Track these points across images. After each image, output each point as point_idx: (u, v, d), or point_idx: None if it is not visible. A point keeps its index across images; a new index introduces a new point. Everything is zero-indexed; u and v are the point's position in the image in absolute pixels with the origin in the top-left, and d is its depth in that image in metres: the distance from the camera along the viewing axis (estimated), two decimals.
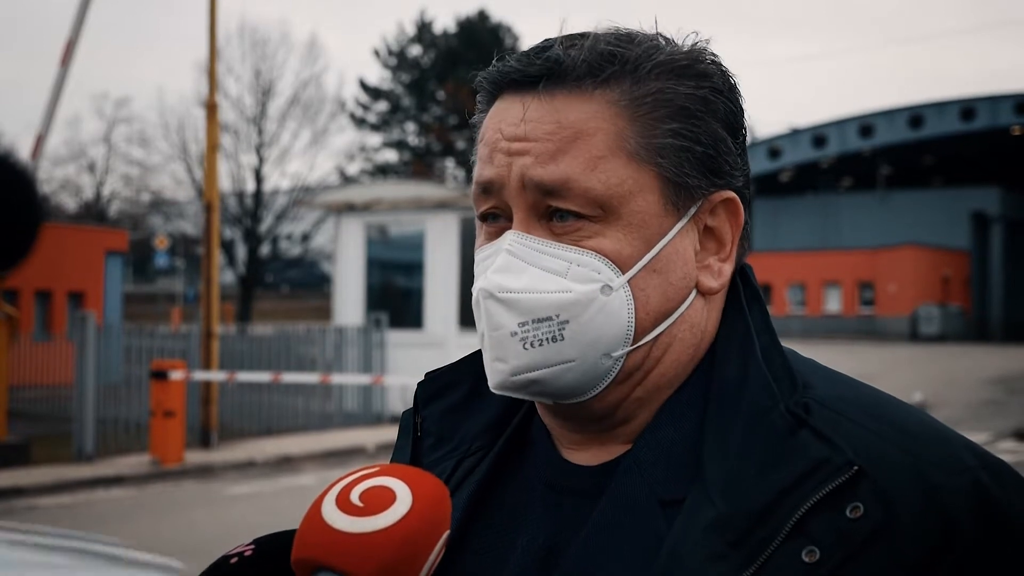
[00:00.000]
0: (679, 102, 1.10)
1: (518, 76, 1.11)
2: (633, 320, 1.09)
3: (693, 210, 1.12)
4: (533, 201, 1.10)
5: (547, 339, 1.08)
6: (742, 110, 1.15)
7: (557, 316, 1.08)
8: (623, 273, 1.09)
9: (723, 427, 1.07)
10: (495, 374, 1.11)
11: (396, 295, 19.95)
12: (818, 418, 1.05)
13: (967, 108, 55.41)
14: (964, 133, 55.92)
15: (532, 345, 1.08)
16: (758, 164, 59.31)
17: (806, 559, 0.99)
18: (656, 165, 1.09)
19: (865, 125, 57.62)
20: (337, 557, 0.97)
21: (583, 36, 1.12)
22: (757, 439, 1.05)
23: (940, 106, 56.44)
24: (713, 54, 1.14)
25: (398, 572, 0.98)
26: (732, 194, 1.13)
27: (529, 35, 69.40)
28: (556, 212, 1.09)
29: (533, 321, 1.08)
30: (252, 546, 1.13)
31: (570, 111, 1.09)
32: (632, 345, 1.10)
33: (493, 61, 1.15)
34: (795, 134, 59.94)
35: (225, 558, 1.12)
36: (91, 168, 49.65)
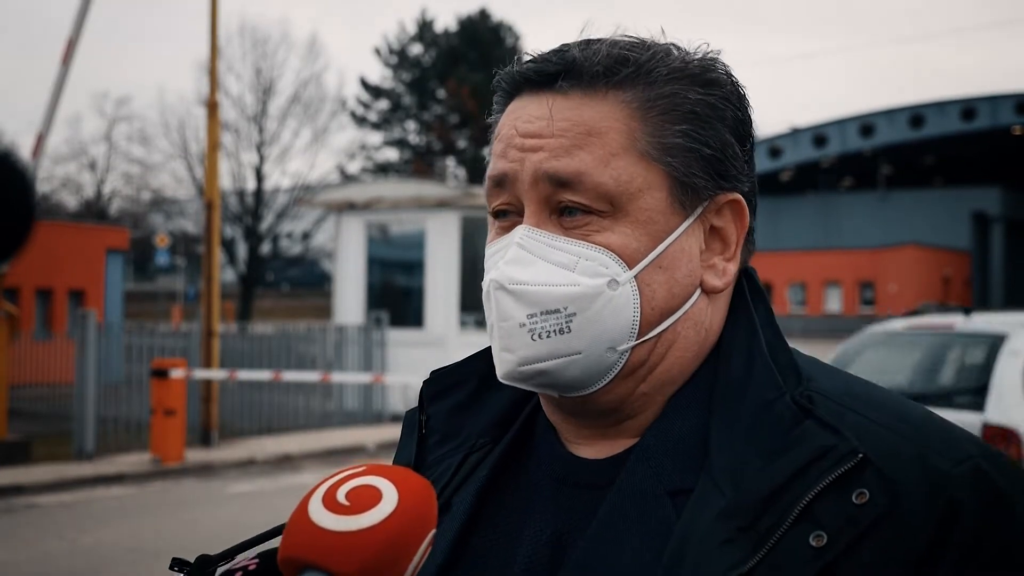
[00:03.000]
0: (689, 106, 1.14)
1: (535, 76, 1.15)
2: (639, 315, 1.12)
3: (699, 210, 1.15)
4: (545, 195, 1.13)
5: (555, 331, 1.11)
6: (751, 119, 1.20)
7: (565, 308, 1.11)
8: (630, 268, 1.12)
9: (730, 418, 1.10)
10: (503, 364, 1.14)
11: (396, 294, 19.95)
12: (823, 409, 1.08)
13: (968, 108, 55.44)
14: (965, 133, 55.96)
15: (540, 336, 1.11)
16: (759, 163, 58.04)
17: (814, 543, 1.01)
18: (665, 164, 1.13)
19: (866, 125, 57.65)
20: (323, 555, 0.97)
21: (599, 40, 1.16)
22: (763, 429, 1.08)
23: (941, 106, 56.47)
24: (724, 64, 1.19)
25: (384, 570, 0.98)
26: (738, 196, 1.17)
27: (529, 35, 69.38)
28: (566, 208, 1.12)
29: (541, 313, 1.11)
30: (256, 560, 1.14)
31: (585, 110, 1.13)
32: (637, 340, 1.13)
33: (512, 62, 1.19)
34: (796, 133, 59.97)
35: (229, 573, 1.13)
36: (92, 166, 49.70)
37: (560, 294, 1.11)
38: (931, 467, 1.03)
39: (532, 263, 1.12)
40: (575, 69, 1.13)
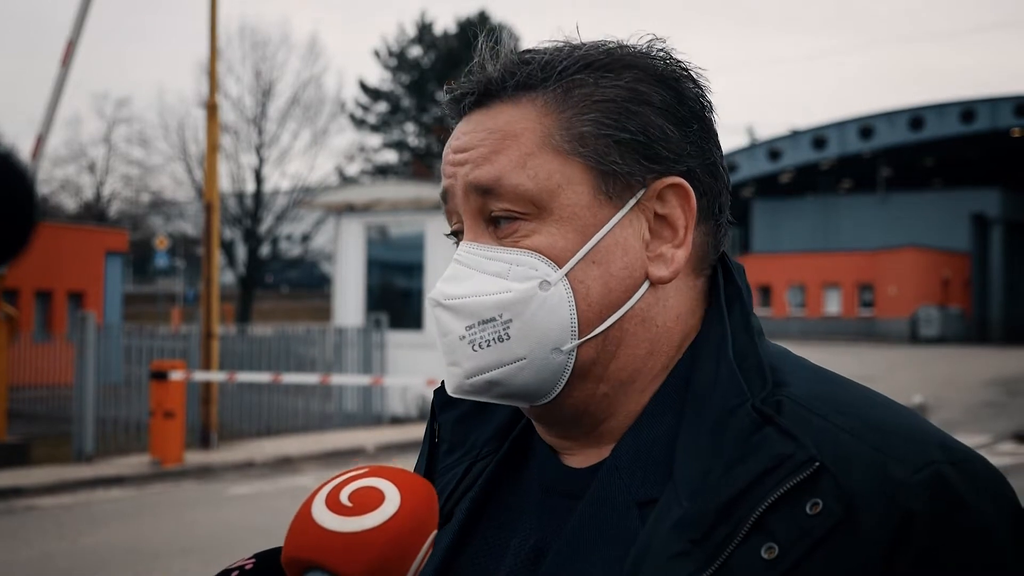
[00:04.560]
0: (600, 95, 1.13)
1: (459, 97, 1.19)
2: (575, 312, 1.11)
3: (633, 200, 1.13)
4: (477, 207, 1.14)
5: (494, 339, 1.12)
6: (694, 99, 1.16)
7: (500, 316, 1.11)
8: (560, 267, 1.11)
9: (695, 426, 1.08)
10: (451, 378, 1.15)
11: (396, 296, 19.96)
12: (787, 415, 1.05)
13: (967, 110, 55.43)
14: (964, 135, 55.95)
15: (481, 346, 1.12)
16: (758, 166, 59.35)
17: (765, 556, 0.99)
18: (580, 156, 1.12)
19: (865, 127, 57.64)
20: (326, 556, 0.98)
21: (508, 50, 1.20)
22: (724, 437, 1.06)
23: (940, 108, 56.46)
24: (661, 49, 1.17)
25: (386, 571, 0.99)
26: (678, 179, 1.14)
27: (529, 36, 69.41)
28: (498, 218, 1.13)
29: (479, 323, 1.12)
30: (252, 559, 1.14)
31: (500, 117, 1.15)
32: (580, 338, 1.12)
33: (445, 89, 1.23)
34: (795, 135, 59.96)
35: (225, 572, 1.13)
36: (91, 168, 49.72)
37: (493, 302, 1.11)
38: (888, 475, 1.00)
39: (469, 277, 1.13)
40: (488, 82, 1.16)
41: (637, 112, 1.13)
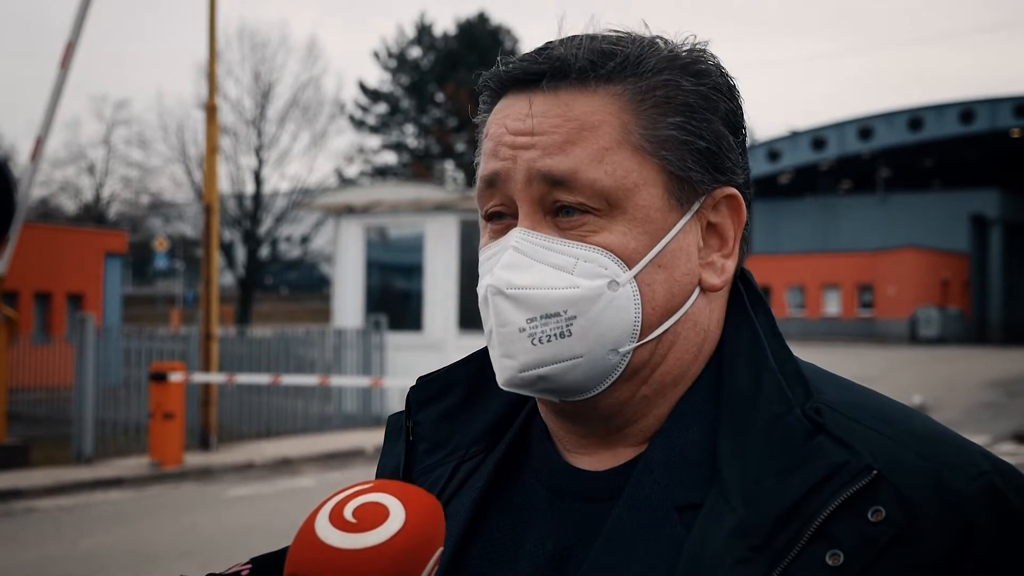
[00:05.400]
0: (682, 98, 1.11)
1: (522, 74, 1.12)
2: (640, 315, 1.10)
3: (696, 205, 1.12)
4: (539, 195, 1.10)
5: (555, 335, 1.08)
6: (742, 110, 1.16)
7: (565, 312, 1.08)
8: (629, 268, 1.09)
9: (739, 432, 1.07)
10: (504, 370, 1.11)
11: (395, 297, 19.95)
12: (833, 423, 1.05)
13: (966, 111, 55.46)
14: (963, 135, 55.97)
15: (540, 341, 1.08)
16: (758, 166, 59.33)
17: (830, 562, 0.99)
18: (660, 158, 1.10)
19: (864, 127, 57.66)
20: (330, 573, 0.97)
21: (584, 36, 1.14)
22: (774, 444, 1.05)
23: (939, 108, 56.48)
24: (712, 55, 1.16)
25: None
26: (734, 191, 1.14)
27: (529, 37, 69.39)
28: (562, 208, 1.10)
29: (541, 317, 1.08)
30: (248, 565, 1.13)
31: (575, 104, 1.10)
32: (639, 341, 1.10)
33: (496, 62, 1.16)
34: (794, 136, 59.99)
35: None
36: (90, 170, 49.70)
37: (559, 297, 1.08)
38: (946, 484, 1.01)
39: (529, 267, 1.09)
40: (561, 66, 1.10)
41: (711, 120, 1.12)
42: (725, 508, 1.03)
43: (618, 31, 1.15)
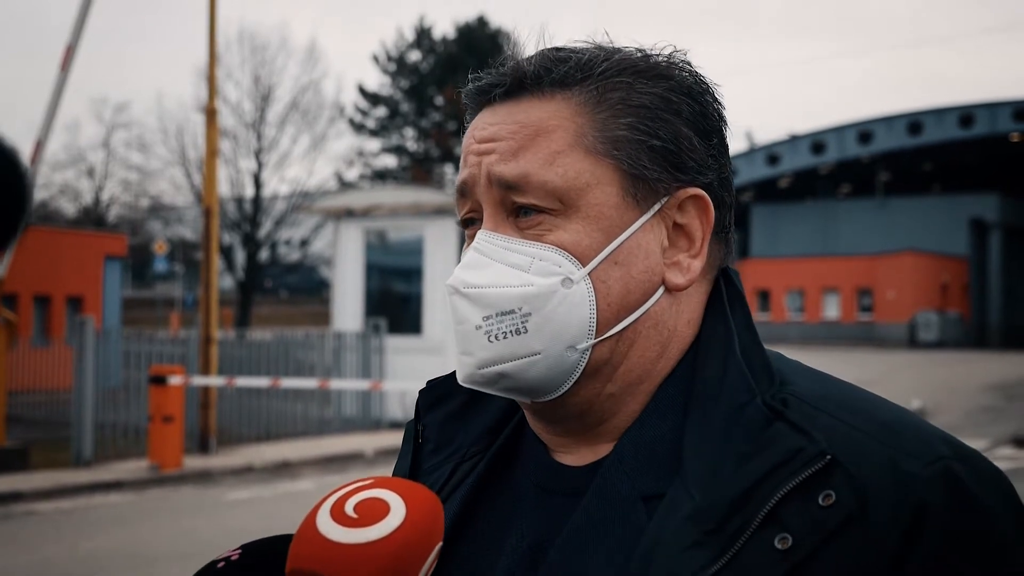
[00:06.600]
0: (637, 99, 1.15)
1: (487, 87, 1.19)
2: (595, 312, 1.13)
3: (657, 206, 1.15)
4: (499, 198, 1.15)
5: (511, 332, 1.12)
6: (715, 114, 1.19)
7: (520, 309, 1.12)
8: (584, 266, 1.12)
9: (703, 422, 1.09)
10: (462, 367, 1.15)
11: (395, 301, 19.94)
12: (795, 411, 1.07)
13: (966, 115, 55.48)
14: (963, 140, 55.98)
15: (496, 338, 1.12)
16: (757, 170, 59.37)
17: (779, 546, 1.01)
18: (612, 157, 1.13)
19: (864, 132, 57.69)
20: (331, 568, 0.98)
21: (546, 47, 1.20)
22: (735, 432, 1.07)
23: (939, 113, 56.51)
24: (685, 62, 1.19)
25: None
26: (699, 191, 1.16)
27: (528, 41, 69.27)
28: (520, 208, 1.14)
29: (497, 315, 1.12)
30: (239, 550, 1.14)
31: (531, 111, 1.15)
32: (596, 338, 1.13)
33: (468, 80, 1.23)
34: (794, 140, 59.99)
35: (212, 563, 1.13)
36: (90, 173, 49.72)
37: (514, 295, 1.12)
38: (900, 469, 1.03)
39: (488, 266, 1.14)
40: (519, 75, 1.16)
41: (669, 121, 1.15)
42: (684, 495, 1.06)
43: (585, 42, 1.19)
